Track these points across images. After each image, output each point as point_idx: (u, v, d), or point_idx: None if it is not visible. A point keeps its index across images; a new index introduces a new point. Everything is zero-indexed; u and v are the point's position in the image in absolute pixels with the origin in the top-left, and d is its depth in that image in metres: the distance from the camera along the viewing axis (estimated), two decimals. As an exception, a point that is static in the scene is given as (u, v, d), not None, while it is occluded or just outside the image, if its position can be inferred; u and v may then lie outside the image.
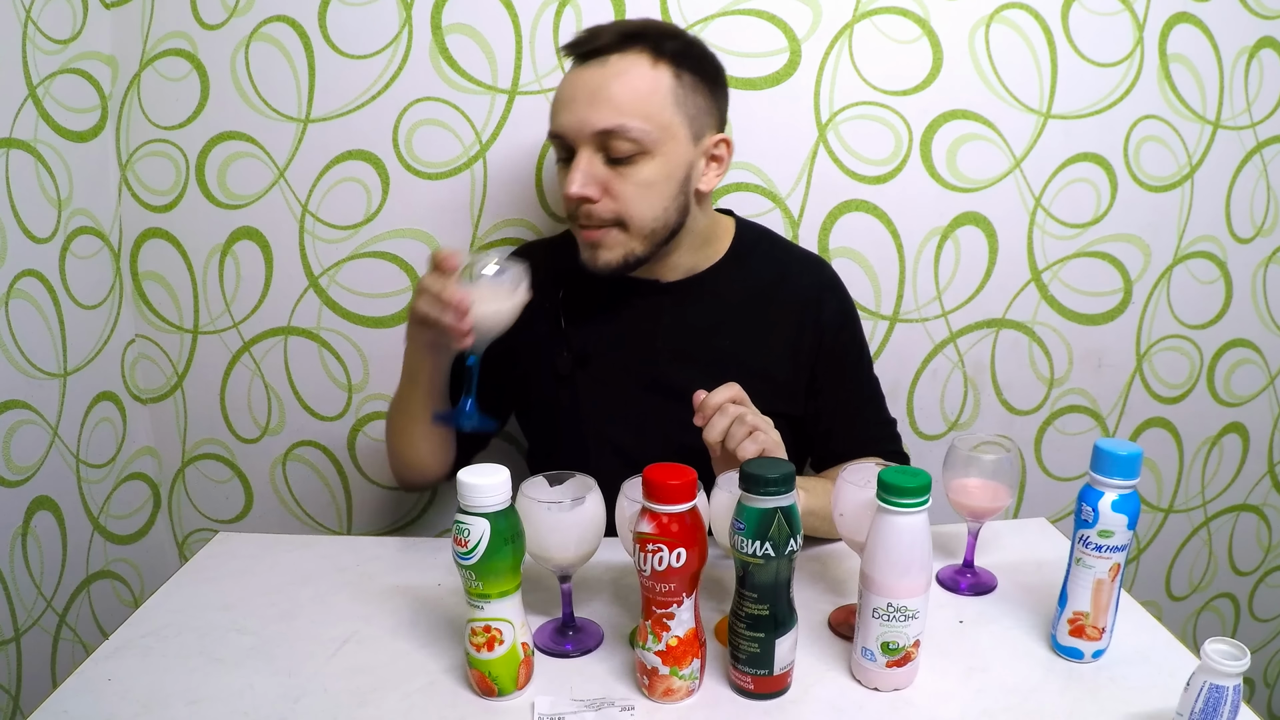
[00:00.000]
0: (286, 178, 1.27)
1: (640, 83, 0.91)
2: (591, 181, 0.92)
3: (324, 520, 1.44)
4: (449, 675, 0.77)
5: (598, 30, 0.94)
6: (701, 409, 0.83)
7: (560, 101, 0.94)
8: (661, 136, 0.92)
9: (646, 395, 1.03)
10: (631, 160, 0.92)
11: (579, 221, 0.96)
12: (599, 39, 0.92)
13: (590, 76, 0.92)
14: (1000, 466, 0.87)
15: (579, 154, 0.92)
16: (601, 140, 0.91)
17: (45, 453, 1.17)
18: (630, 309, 1.04)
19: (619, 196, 0.93)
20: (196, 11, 1.21)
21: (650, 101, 0.91)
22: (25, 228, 1.11)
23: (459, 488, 0.69)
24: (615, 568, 0.94)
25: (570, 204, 0.94)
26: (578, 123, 0.91)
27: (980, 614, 0.87)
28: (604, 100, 0.90)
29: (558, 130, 0.94)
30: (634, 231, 0.95)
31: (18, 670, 1.14)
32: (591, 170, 0.92)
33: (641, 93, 0.91)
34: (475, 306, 0.82)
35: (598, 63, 0.92)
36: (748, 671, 0.73)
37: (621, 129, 0.90)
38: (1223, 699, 0.61)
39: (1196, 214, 1.32)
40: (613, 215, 0.93)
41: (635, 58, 0.91)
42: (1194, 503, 1.48)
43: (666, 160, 0.93)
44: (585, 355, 1.04)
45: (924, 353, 1.36)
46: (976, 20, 1.22)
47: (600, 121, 0.90)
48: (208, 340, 1.34)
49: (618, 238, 0.95)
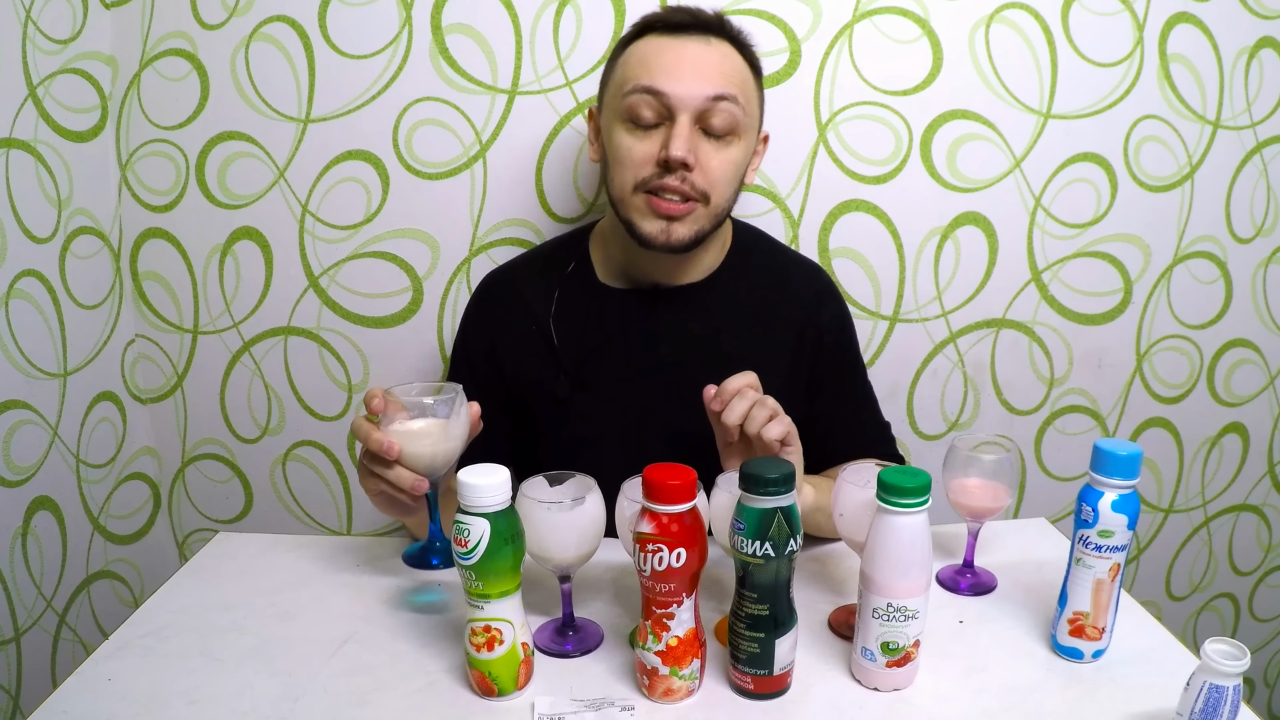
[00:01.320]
0: (286, 178, 1.27)
1: (738, 67, 0.93)
2: (692, 149, 0.90)
3: (324, 520, 1.44)
4: (449, 675, 0.77)
5: (688, 9, 0.95)
6: (720, 394, 0.82)
7: (662, 65, 0.91)
8: (750, 122, 0.95)
9: (647, 408, 1.01)
10: (725, 138, 0.92)
11: (664, 186, 0.91)
12: (697, 16, 0.93)
13: (696, 49, 0.92)
14: (1000, 466, 0.87)
15: (679, 119, 0.90)
16: (707, 109, 0.90)
17: (45, 453, 1.17)
18: (628, 321, 1.02)
19: (710, 170, 0.92)
20: (196, 11, 1.21)
21: (746, 86, 0.94)
22: (25, 228, 1.11)
23: (459, 488, 0.69)
24: (615, 568, 0.94)
25: (652, 169, 0.91)
26: (689, 86, 0.90)
27: (980, 614, 0.87)
28: (715, 72, 0.91)
29: (663, 88, 0.90)
30: (711, 209, 0.94)
31: (18, 670, 1.14)
32: (693, 137, 0.91)
33: (740, 75, 0.93)
34: (411, 445, 0.78)
35: (700, 39, 0.92)
36: (748, 671, 0.73)
37: (733, 97, 0.91)
38: (1223, 699, 0.61)
39: (1196, 214, 1.32)
40: (702, 188, 0.92)
41: (728, 45, 0.94)
42: (1194, 503, 1.48)
43: (746, 146, 0.95)
44: (583, 378, 1.02)
45: (924, 353, 1.36)
46: (976, 20, 1.22)
47: (714, 87, 0.90)
48: (208, 340, 1.34)
49: (698, 212, 0.94)
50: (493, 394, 1.05)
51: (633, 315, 1.02)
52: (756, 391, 0.83)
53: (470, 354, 1.07)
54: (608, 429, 1.01)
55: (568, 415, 1.03)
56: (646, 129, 0.92)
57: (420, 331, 1.33)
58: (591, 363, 1.02)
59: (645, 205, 0.93)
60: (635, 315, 1.02)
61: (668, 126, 0.91)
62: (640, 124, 0.92)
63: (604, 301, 1.03)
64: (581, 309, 1.03)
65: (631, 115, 0.92)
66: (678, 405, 0.99)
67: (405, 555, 0.87)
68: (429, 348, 1.34)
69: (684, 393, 0.96)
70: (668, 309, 1.02)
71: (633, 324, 1.02)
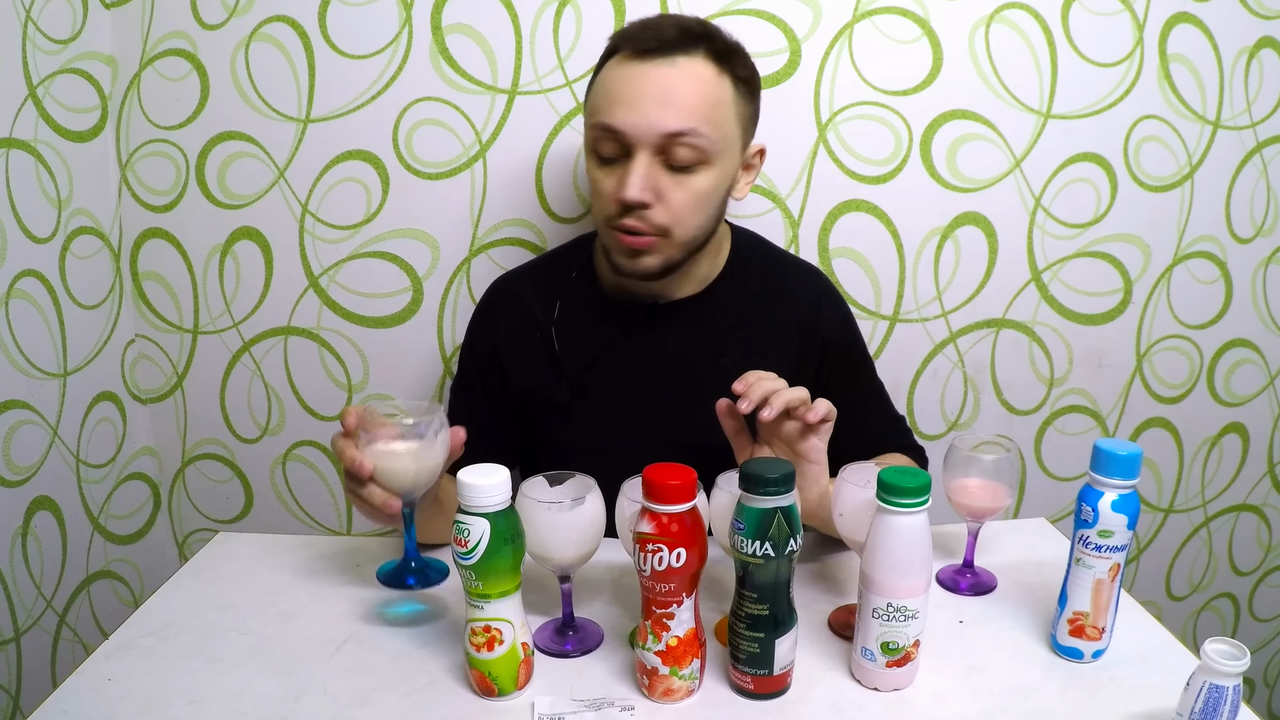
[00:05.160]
0: (286, 178, 1.27)
1: (709, 88, 0.87)
2: (649, 187, 0.87)
3: (324, 520, 1.44)
4: (449, 675, 0.77)
5: (658, 25, 0.88)
6: (748, 393, 0.79)
7: (621, 97, 0.87)
8: (723, 147, 0.89)
9: (648, 418, 1.01)
10: (690, 169, 0.88)
11: (623, 226, 0.90)
12: (663, 34, 0.87)
13: (659, 75, 0.86)
14: (1000, 466, 0.87)
15: (637, 156, 0.87)
16: (665, 144, 0.86)
17: (45, 453, 1.17)
18: (628, 332, 1.01)
19: (672, 205, 0.88)
20: (196, 11, 1.21)
21: (716, 110, 0.88)
22: (25, 228, 1.11)
23: (459, 488, 0.69)
24: (615, 568, 0.94)
25: (615, 207, 0.89)
26: (644, 122, 0.85)
27: (980, 614, 0.87)
28: (674, 102, 0.85)
29: (618, 126, 0.87)
30: (676, 240, 0.91)
31: (18, 670, 1.14)
32: (651, 175, 0.87)
33: (710, 99, 0.87)
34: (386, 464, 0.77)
35: (664, 61, 0.86)
36: (748, 671, 0.73)
37: (693, 132, 0.85)
38: (1222, 699, 0.61)
39: (1196, 214, 1.32)
40: (661, 224, 0.89)
41: (702, 61, 0.87)
42: (1194, 503, 1.48)
43: (721, 171, 0.90)
44: (583, 386, 1.01)
45: (924, 353, 1.36)
46: (976, 20, 1.22)
47: (670, 123, 0.85)
48: (208, 340, 1.34)
49: (661, 245, 0.91)
50: (496, 398, 1.05)
51: (633, 326, 1.02)
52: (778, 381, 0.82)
53: (476, 357, 1.07)
54: (608, 438, 1.01)
55: (568, 422, 1.02)
56: (610, 163, 0.90)
57: (420, 331, 1.33)
58: (592, 371, 1.01)
59: (614, 239, 0.92)
60: (636, 326, 1.02)
61: (628, 162, 0.88)
62: (604, 158, 0.90)
63: (605, 311, 1.02)
64: (583, 317, 1.02)
65: (596, 149, 0.91)
66: (679, 415, 0.99)
67: (380, 574, 0.84)
68: (429, 348, 1.34)
69: (685, 403, 0.96)
70: (668, 320, 1.02)
71: (633, 335, 1.02)
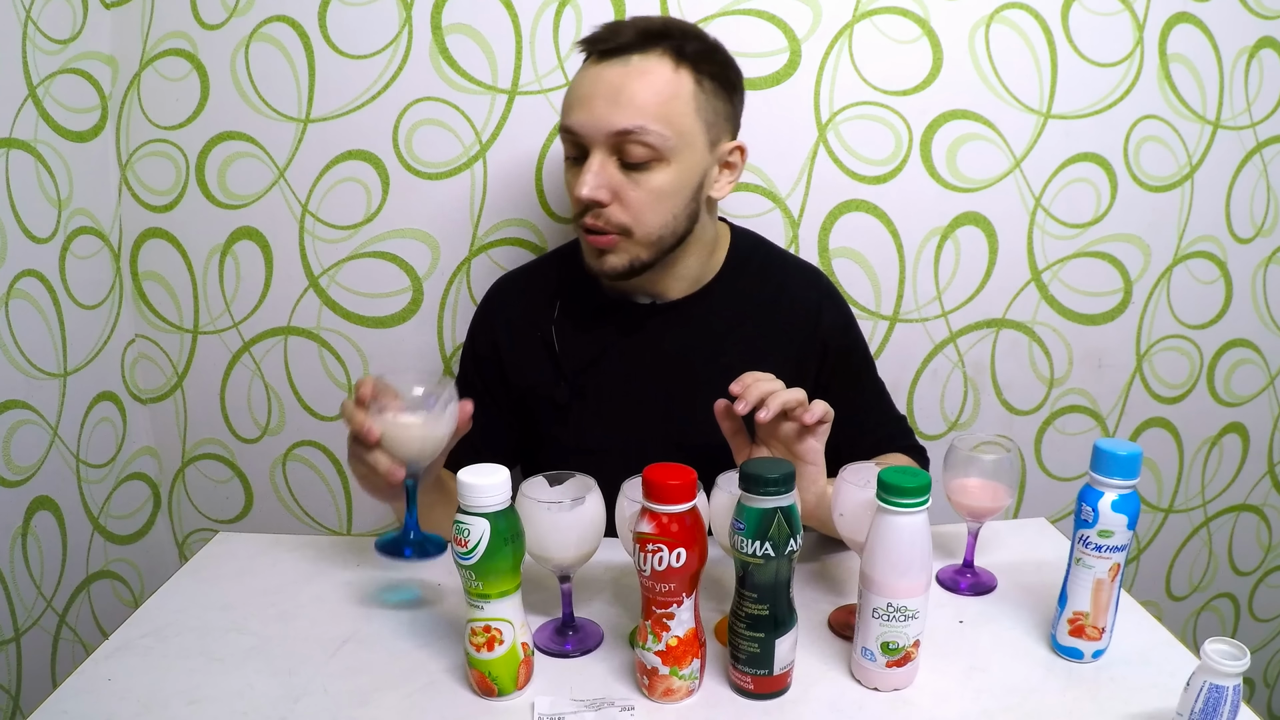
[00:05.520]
0: (286, 178, 1.27)
1: (662, 86, 0.88)
2: (603, 185, 0.89)
3: (324, 520, 1.44)
4: (449, 675, 0.77)
5: (618, 27, 0.91)
6: (745, 394, 0.80)
7: (576, 98, 0.90)
8: (679, 144, 0.89)
9: (647, 418, 1.01)
10: (646, 166, 0.89)
11: (586, 225, 0.92)
12: (620, 36, 0.89)
13: (610, 75, 0.88)
14: (1000, 466, 0.87)
15: (592, 155, 0.89)
16: (617, 142, 0.88)
17: (45, 453, 1.17)
18: (629, 334, 1.02)
19: (629, 204, 0.90)
20: (196, 11, 1.21)
21: (671, 106, 0.88)
22: (25, 228, 1.11)
23: (459, 488, 0.69)
24: (615, 568, 0.93)
25: (578, 206, 0.92)
26: (595, 121, 0.88)
27: (980, 614, 0.87)
28: (624, 101, 0.87)
29: (572, 126, 0.90)
30: (639, 239, 0.92)
31: (18, 670, 1.14)
32: (604, 173, 0.89)
33: (663, 96, 0.88)
34: (395, 433, 0.78)
35: (619, 61, 0.88)
36: (748, 671, 0.73)
37: (640, 130, 0.86)
38: (1223, 699, 0.61)
39: (1196, 214, 1.32)
40: (621, 222, 0.91)
41: (658, 59, 0.88)
42: (1194, 503, 1.48)
43: (681, 168, 0.90)
44: (582, 386, 1.01)
45: (924, 353, 1.36)
46: (976, 20, 1.22)
47: (619, 121, 0.87)
48: (208, 340, 1.34)
49: (623, 244, 0.92)
50: (497, 397, 1.05)
51: (632, 326, 1.02)
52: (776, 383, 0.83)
53: (476, 356, 1.07)
54: (608, 438, 1.01)
55: (567, 422, 1.03)
56: (576, 163, 0.92)
57: (420, 331, 1.33)
58: (591, 371, 1.01)
59: (582, 239, 0.95)
60: (634, 326, 1.02)
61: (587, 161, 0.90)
62: (571, 159, 0.93)
63: (604, 311, 1.02)
64: (583, 318, 1.03)
65: (565, 150, 0.94)
66: (679, 415, 0.99)
67: (378, 543, 0.84)
68: (429, 348, 1.34)
69: (685, 404, 0.96)
70: (666, 321, 1.02)
71: (632, 335, 1.02)
